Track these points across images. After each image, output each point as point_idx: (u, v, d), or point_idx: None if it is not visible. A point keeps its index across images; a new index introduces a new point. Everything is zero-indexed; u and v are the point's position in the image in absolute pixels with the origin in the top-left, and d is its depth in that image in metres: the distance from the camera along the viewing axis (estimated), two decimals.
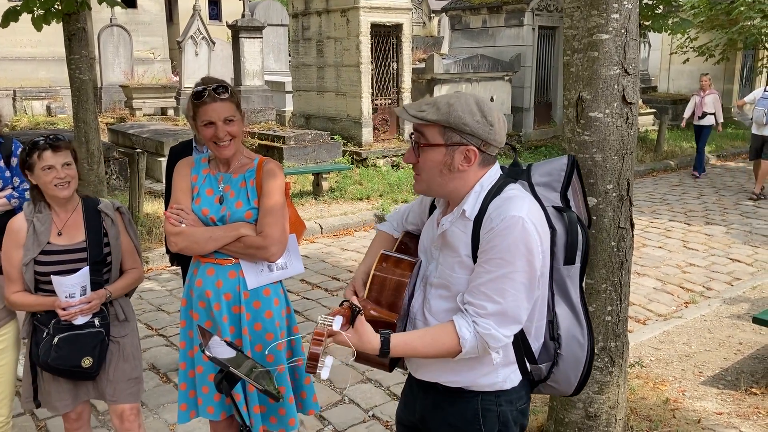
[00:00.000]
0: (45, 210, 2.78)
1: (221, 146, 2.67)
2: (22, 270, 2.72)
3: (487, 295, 1.80)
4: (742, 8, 14.76)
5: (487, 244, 1.81)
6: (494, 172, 1.92)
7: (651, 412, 3.62)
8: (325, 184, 9.54)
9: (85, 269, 2.70)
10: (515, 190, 1.88)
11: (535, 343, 1.96)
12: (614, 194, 2.85)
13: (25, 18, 7.37)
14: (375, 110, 11.62)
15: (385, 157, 11.30)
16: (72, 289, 2.67)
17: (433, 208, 2.13)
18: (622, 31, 2.72)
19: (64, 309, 2.68)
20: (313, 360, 1.67)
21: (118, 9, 13.90)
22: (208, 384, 2.85)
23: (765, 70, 18.09)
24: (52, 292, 2.70)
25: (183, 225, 2.67)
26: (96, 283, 2.76)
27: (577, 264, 1.93)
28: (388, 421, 3.89)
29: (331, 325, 1.70)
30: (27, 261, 2.71)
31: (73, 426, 3.00)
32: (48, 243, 2.73)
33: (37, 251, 2.71)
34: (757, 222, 8.66)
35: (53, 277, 2.65)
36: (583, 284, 1.99)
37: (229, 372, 1.83)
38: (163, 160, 9.49)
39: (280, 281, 2.90)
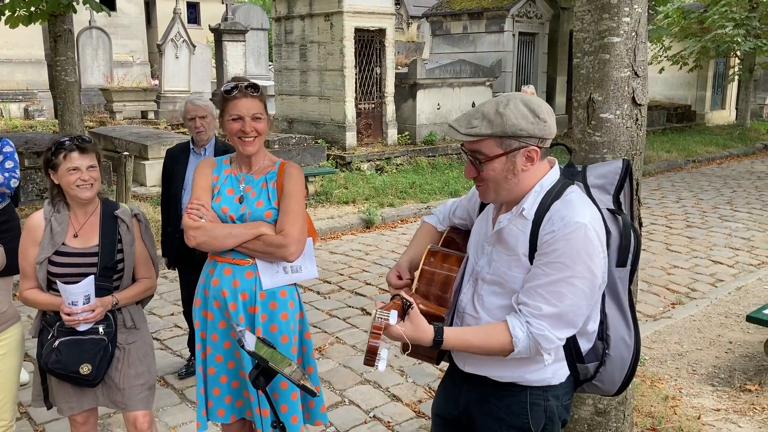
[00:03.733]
0: (63, 210, 2.75)
1: (246, 141, 2.68)
2: (36, 268, 2.69)
3: (544, 297, 1.80)
4: (715, 17, 15.15)
5: (548, 246, 1.81)
6: (554, 173, 1.94)
7: (652, 409, 3.69)
8: (311, 188, 9.51)
9: (90, 278, 2.65)
10: (575, 194, 1.90)
11: (586, 345, 1.97)
12: None
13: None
14: (359, 114, 11.63)
15: (369, 161, 11.31)
16: (75, 297, 2.63)
17: (484, 204, 2.13)
18: (633, 34, 2.78)
19: (68, 315, 2.64)
20: (372, 353, 1.71)
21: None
22: (219, 386, 2.82)
23: (736, 77, 18.54)
24: None
25: (203, 220, 2.67)
26: (105, 290, 2.72)
27: (628, 267, 1.95)
28: (389, 422, 3.90)
29: (387, 319, 1.73)
30: (41, 260, 2.68)
31: (80, 430, 2.95)
32: (63, 244, 2.70)
33: (52, 251, 2.68)
34: (735, 225, 8.86)
35: (59, 283, 2.63)
36: (631, 286, 2.01)
37: (266, 368, 1.83)
38: (147, 164, 9.39)
39: (296, 285, 2.90)
